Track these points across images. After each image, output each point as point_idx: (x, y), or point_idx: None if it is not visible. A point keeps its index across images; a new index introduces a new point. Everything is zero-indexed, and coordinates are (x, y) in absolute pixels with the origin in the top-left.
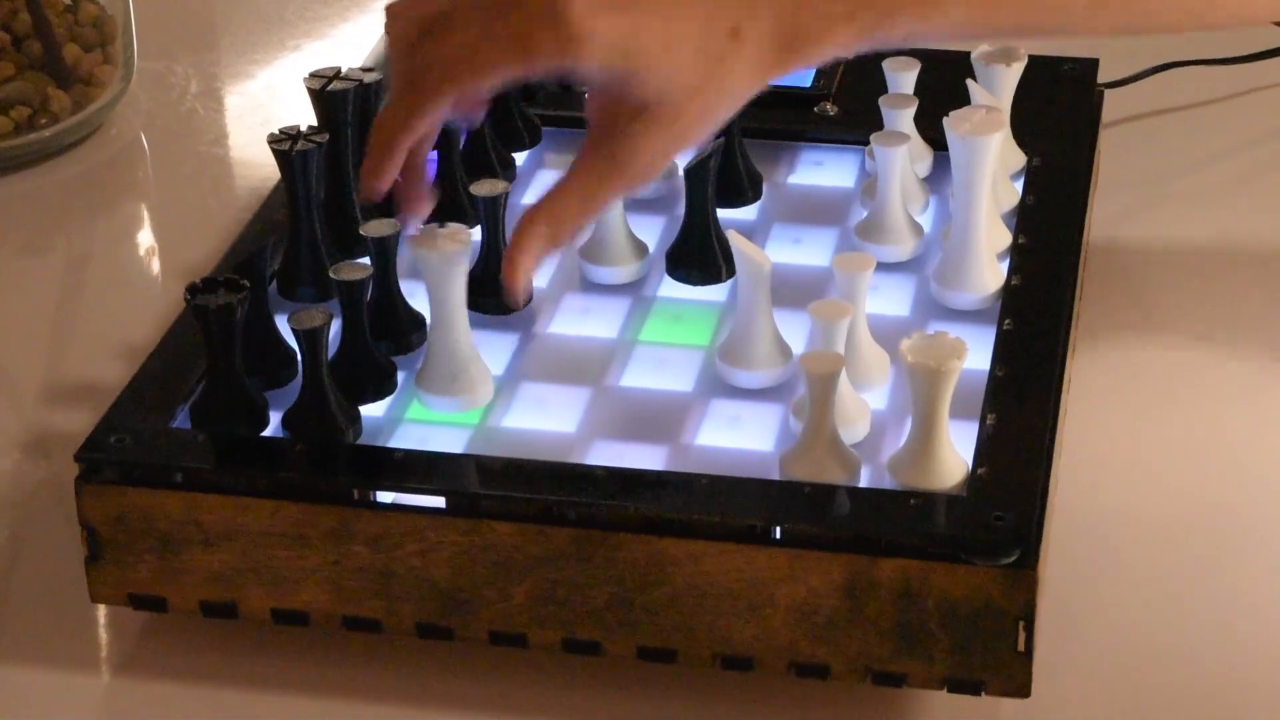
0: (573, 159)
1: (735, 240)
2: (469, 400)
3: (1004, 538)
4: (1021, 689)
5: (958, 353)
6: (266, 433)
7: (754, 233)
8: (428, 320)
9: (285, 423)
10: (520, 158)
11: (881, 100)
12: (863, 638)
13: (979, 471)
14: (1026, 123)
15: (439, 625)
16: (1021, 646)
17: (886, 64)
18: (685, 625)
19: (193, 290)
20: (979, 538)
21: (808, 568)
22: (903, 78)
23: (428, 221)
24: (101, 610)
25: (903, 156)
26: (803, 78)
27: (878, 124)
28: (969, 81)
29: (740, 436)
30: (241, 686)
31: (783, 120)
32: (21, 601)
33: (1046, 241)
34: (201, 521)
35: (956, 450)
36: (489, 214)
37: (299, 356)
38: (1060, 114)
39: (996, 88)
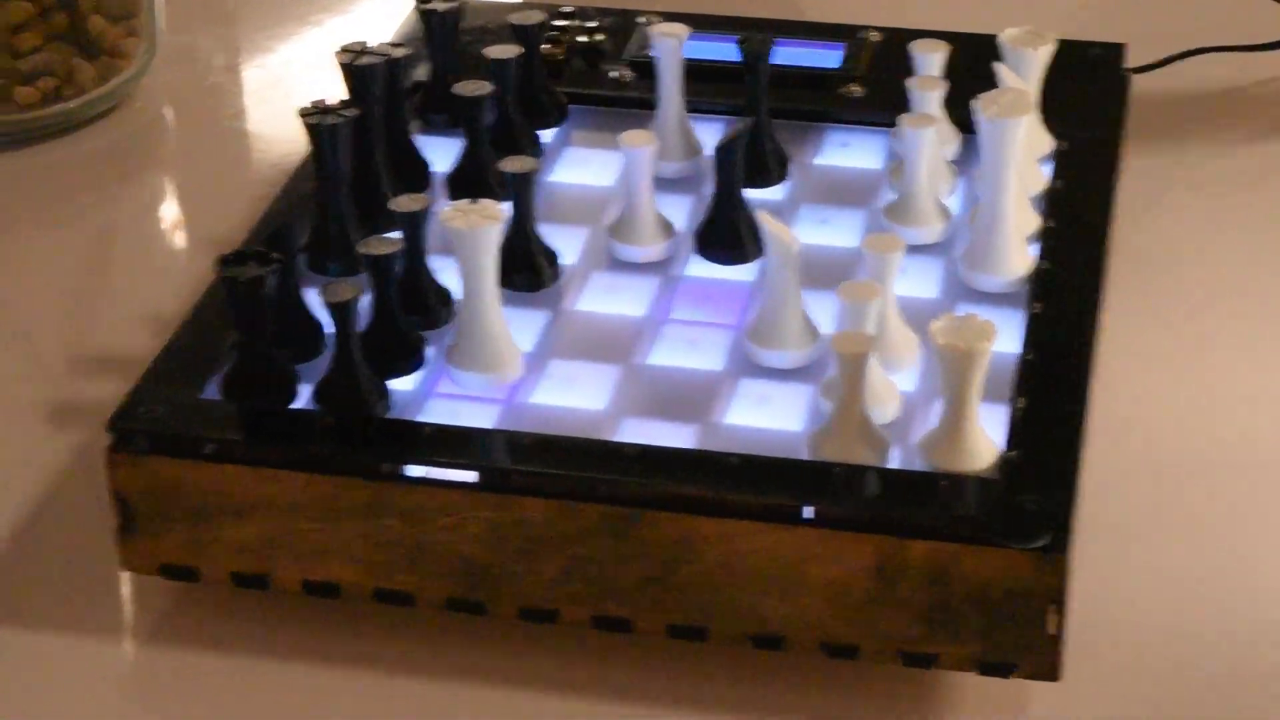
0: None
1: (764, 221)
2: (498, 376)
3: (1036, 521)
4: (1051, 672)
5: (987, 335)
6: (296, 405)
7: (781, 213)
8: (457, 296)
9: (316, 395)
10: (547, 135)
11: (909, 82)
12: (893, 618)
13: (1010, 454)
14: (1054, 106)
15: (469, 600)
16: (1052, 630)
17: (913, 46)
18: (716, 603)
19: (223, 262)
20: (1011, 520)
21: (839, 548)
22: (930, 60)
23: (455, 198)
24: (129, 581)
25: (931, 139)
26: (830, 59)
27: (905, 106)
28: (996, 64)
29: (769, 416)
30: (271, 657)
31: (809, 101)
32: (51, 571)
33: (1076, 225)
34: (233, 493)
35: (987, 433)
36: (519, 191)
37: (328, 330)
38: (1089, 98)
39: (1024, 71)
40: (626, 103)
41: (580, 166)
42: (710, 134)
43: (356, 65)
